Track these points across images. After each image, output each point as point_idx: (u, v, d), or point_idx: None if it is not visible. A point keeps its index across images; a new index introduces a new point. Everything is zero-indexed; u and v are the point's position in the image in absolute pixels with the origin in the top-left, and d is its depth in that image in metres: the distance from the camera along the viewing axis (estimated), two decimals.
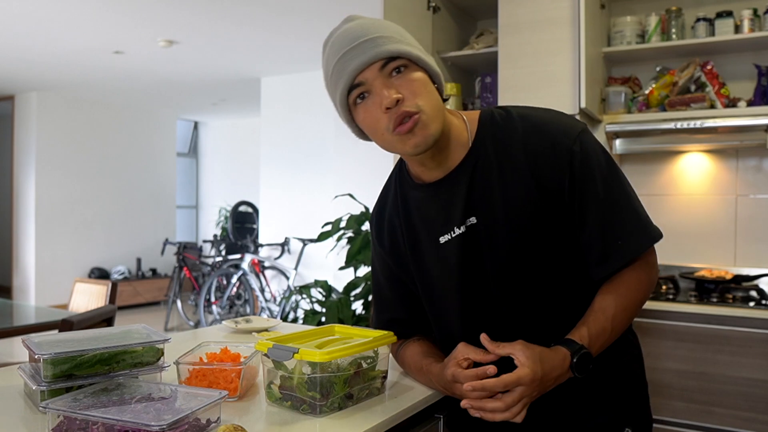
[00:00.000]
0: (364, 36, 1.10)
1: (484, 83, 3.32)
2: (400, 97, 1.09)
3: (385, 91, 1.09)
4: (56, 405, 1.01)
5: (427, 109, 1.10)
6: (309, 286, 3.91)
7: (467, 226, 1.20)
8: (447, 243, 1.22)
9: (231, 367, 1.23)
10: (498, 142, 1.19)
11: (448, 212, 1.21)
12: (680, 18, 3.07)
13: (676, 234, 3.25)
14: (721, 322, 2.60)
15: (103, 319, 2.83)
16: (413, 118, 1.09)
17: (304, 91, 7.03)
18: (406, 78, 1.10)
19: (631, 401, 1.30)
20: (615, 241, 1.15)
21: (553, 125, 1.18)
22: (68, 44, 5.74)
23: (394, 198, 1.33)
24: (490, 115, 1.23)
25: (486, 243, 1.19)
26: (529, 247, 1.17)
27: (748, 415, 2.55)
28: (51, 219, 8.16)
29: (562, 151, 1.15)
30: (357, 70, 1.10)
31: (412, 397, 1.27)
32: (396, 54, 1.09)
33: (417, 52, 1.12)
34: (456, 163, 1.21)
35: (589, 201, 1.15)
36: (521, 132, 1.18)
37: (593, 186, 1.15)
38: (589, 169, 1.15)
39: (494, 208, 1.17)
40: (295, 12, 4.87)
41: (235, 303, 7.02)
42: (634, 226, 1.17)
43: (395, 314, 1.40)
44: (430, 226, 1.25)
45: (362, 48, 1.09)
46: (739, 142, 2.96)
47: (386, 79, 1.10)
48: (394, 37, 1.11)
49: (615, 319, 1.15)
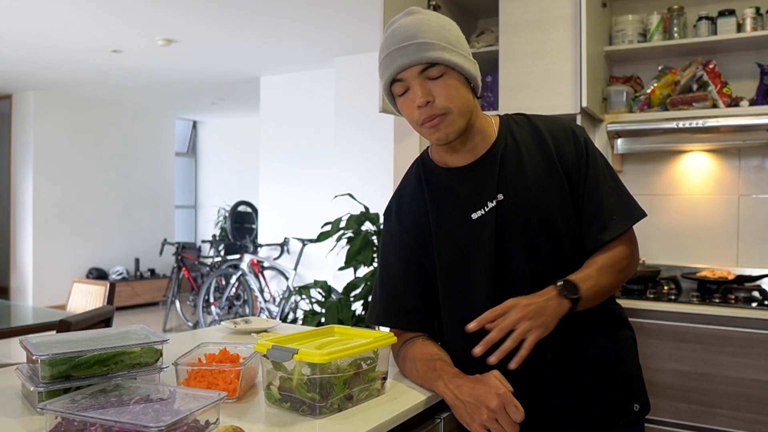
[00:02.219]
0: (412, 39, 1.24)
1: (485, 82, 3.31)
2: (430, 99, 1.26)
3: (420, 92, 1.26)
4: (54, 406, 1.01)
5: (455, 109, 1.27)
6: (308, 286, 3.89)
7: (498, 202, 1.34)
8: (480, 218, 1.35)
9: (230, 368, 1.23)
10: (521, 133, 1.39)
11: (481, 191, 1.36)
12: (682, 17, 3.06)
13: (678, 234, 3.24)
14: (723, 323, 2.58)
15: (102, 320, 2.83)
16: (440, 117, 1.27)
17: (304, 90, 7.02)
18: (442, 82, 1.26)
19: (636, 379, 1.43)
20: (611, 216, 1.35)
21: (565, 121, 1.43)
22: (66, 43, 5.72)
23: (417, 182, 1.45)
24: (509, 116, 1.44)
25: (515, 217, 1.33)
26: (552, 219, 1.33)
27: (750, 416, 2.54)
28: (49, 219, 8.15)
29: (579, 139, 1.38)
30: (399, 69, 1.26)
31: (413, 398, 1.27)
32: (435, 61, 1.24)
33: (455, 59, 1.26)
34: (484, 150, 1.38)
35: (596, 181, 1.35)
36: (543, 126, 1.39)
37: (598, 170, 1.37)
38: (595, 157, 1.38)
39: (523, 186, 1.34)
40: (294, 10, 4.86)
41: (234, 303, 7.01)
42: (626, 206, 1.38)
43: (407, 303, 1.43)
44: (461, 204, 1.37)
45: (409, 50, 1.24)
46: (741, 142, 2.95)
47: (423, 81, 1.26)
48: (438, 44, 1.25)
49: (600, 270, 1.30)
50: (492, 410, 1.16)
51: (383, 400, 1.26)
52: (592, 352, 1.36)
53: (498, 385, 1.19)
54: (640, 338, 1.29)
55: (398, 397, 1.28)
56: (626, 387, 1.39)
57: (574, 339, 1.34)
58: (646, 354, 2.68)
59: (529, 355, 1.24)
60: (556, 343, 1.32)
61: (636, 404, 1.39)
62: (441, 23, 1.28)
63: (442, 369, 1.29)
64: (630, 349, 1.43)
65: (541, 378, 1.33)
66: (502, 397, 1.17)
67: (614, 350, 1.39)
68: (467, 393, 1.20)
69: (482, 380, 1.21)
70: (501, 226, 1.32)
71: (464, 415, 1.21)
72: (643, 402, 1.42)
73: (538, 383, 1.33)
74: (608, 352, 1.37)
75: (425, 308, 1.43)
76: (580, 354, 1.35)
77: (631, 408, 1.39)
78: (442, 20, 1.30)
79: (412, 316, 1.43)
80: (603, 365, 1.36)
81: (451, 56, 1.25)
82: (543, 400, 1.32)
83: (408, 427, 1.23)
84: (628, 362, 1.41)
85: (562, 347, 1.34)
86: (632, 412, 1.39)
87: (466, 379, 1.24)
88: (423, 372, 1.33)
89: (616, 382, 1.37)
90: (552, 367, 1.34)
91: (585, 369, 1.35)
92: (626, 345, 1.42)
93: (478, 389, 1.19)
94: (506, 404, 1.17)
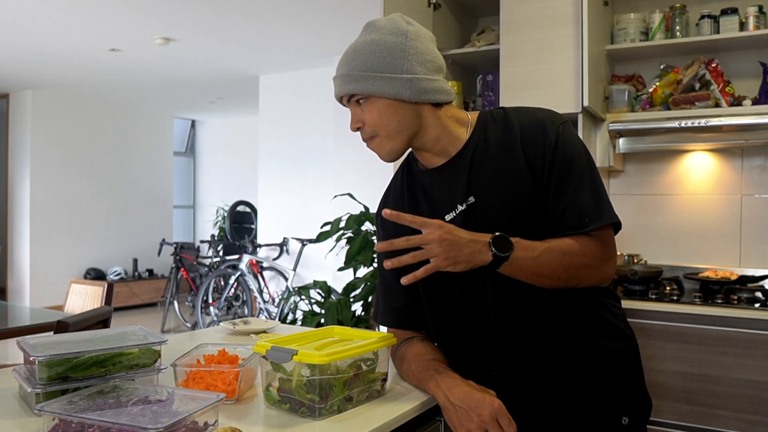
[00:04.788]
0: (340, 70, 1.32)
1: (486, 81, 3.29)
2: (360, 125, 1.33)
3: (352, 119, 1.34)
4: (51, 408, 1.02)
5: (382, 132, 1.31)
6: (308, 287, 3.88)
7: (468, 205, 1.33)
8: (452, 221, 1.33)
9: (229, 369, 1.24)
10: (496, 130, 1.36)
11: (451, 193, 1.35)
12: (684, 15, 3.05)
13: (679, 234, 3.23)
14: (726, 324, 2.57)
15: (99, 321, 2.82)
16: (372, 140, 1.34)
17: (304, 89, 7.01)
18: (366, 109, 1.31)
19: (627, 391, 1.37)
20: (583, 217, 1.27)
21: (542, 113, 1.36)
22: (64, 42, 5.71)
23: (400, 184, 1.48)
24: (487, 112, 1.42)
25: (483, 219, 1.31)
26: (521, 220, 1.30)
27: (753, 418, 2.53)
28: (46, 219, 8.13)
29: (549, 133, 1.31)
30: (337, 97, 1.36)
31: (412, 399, 1.28)
32: (353, 92, 1.30)
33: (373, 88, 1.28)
34: (455, 152, 1.37)
35: (568, 178, 1.29)
36: (516, 120, 1.35)
37: (572, 166, 1.29)
38: (568, 152, 1.30)
39: (491, 187, 1.32)
40: (293, 8, 4.85)
41: (233, 304, 7.00)
42: (599, 207, 1.29)
43: (401, 302, 1.45)
44: (435, 205, 1.37)
45: (337, 82, 1.33)
46: (744, 141, 2.94)
47: (355, 107, 1.33)
48: (358, 74, 1.29)
49: (549, 250, 1.24)
50: (483, 420, 1.15)
51: (383, 402, 1.26)
52: (567, 362, 1.32)
53: (493, 395, 1.19)
54: (642, 339, 1.26)
55: (398, 398, 1.28)
56: (612, 399, 1.33)
57: (545, 347, 1.31)
58: (648, 355, 2.66)
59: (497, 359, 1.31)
60: (525, 349, 1.31)
61: (625, 417, 1.33)
62: (370, 47, 1.29)
63: (435, 369, 1.29)
64: (621, 360, 1.36)
65: (511, 385, 1.32)
66: (495, 409, 1.16)
67: (594, 360, 1.32)
68: (459, 397, 1.19)
69: (478, 387, 1.22)
70: (470, 228, 1.26)
71: (453, 419, 1.20)
72: (636, 415, 1.36)
73: (509, 390, 1.30)
74: (586, 362, 1.32)
75: (416, 306, 1.43)
76: (552, 362, 1.31)
77: (619, 421, 1.33)
78: (373, 43, 1.30)
79: (404, 315, 1.44)
80: (580, 375, 1.31)
81: (368, 85, 1.28)
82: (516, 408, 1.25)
83: (408, 428, 1.23)
84: (615, 373, 1.35)
85: (532, 354, 1.31)
86: (619, 425, 1.33)
87: (460, 382, 1.23)
88: (417, 372, 1.33)
89: (597, 393, 1.32)
90: (521, 374, 1.32)
91: (559, 378, 1.31)
92: (614, 355, 1.35)
93: (472, 395, 1.19)
94: (499, 416, 1.16)
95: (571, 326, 1.32)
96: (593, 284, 1.32)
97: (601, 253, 1.29)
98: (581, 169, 1.30)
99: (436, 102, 1.32)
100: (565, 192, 1.28)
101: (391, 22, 1.32)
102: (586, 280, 1.30)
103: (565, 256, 1.25)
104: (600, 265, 1.30)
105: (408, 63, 1.29)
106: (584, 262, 1.27)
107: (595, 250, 1.28)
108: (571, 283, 1.28)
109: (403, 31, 1.30)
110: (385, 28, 1.31)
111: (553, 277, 1.25)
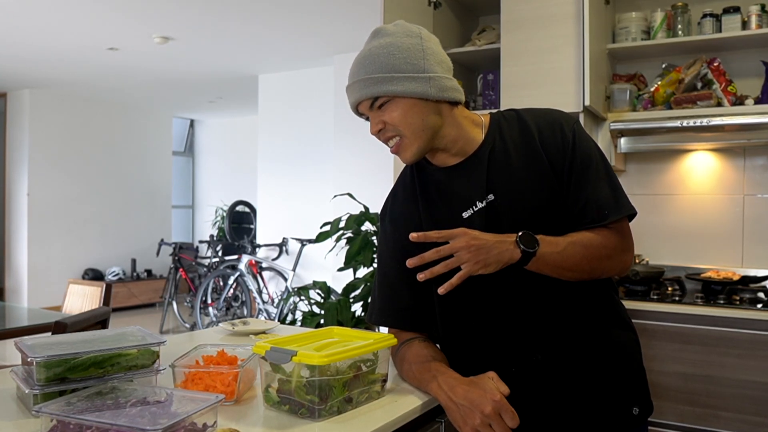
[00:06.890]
0: (357, 75, 1.33)
1: (486, 80, 3.29)
2: (381, 127, 1.34)
3: (372, 122, 1.35)
4: (49, 409, 1.01)
5: (407, 133, 1.33)
6: (307, 287, 3.87)
7: (488, 202, 1.35)
8: (470, 217, 1.36)
9: (228, 370, 1.24)
10: (511, 131, 1.40)
11: (470, 190, 1.37)
12: (686, 14, 3.05)
13: (681, 234, 3.22)
14: (728, 325, 2.57)
15: (98, 321, 2.81)
16: (395, 142, 1.35)
17: (303, 89, 7.01)
18: (389, 110, 1.32)
19: (636, 381, 1.42)
20: (603, 210, 1.32)
21: (555, 113, 1.42)
22: (62, 40, 5.70)
23: (411, 181, 1.48)
24: (499, 113, 1.45)
25: (506, 216, 1.34)
26: (542, 216, 1.33)
27: (755, 419, 2.52)
28: (44, 219, 8.12)
29: (566, 132, 1.36)
30: (354, 104, 1.37)
31: (413, 400, 1.28)
32: (376, 95, 1.31)
33: (396, 87, 1.29)
34: (472, 150, 1.40)
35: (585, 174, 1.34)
36: (532, 121, 1.40)
37: (589, 163, 1.35)
38: (585, 149, 1.36)
39: (512, 184, 1.35)
40: (293, 7, 4.84)
41: (232, 305, 6.99)
42: (617, 200, 1.35)
43: (403, 302, 1.45)
44: (452, 202, 1.39)
45: (355, 88, 1.33)
46: (746, 141, 2.94)
47: (375, 112, 1.34)
48: (378, 77, 1.30)
49: (573, 244, 1.28)
50: (486, 415, 1.16)
51: (383, 403, 1.26)
52: (586, 354, 1.36)
53: (494, 390, 1.19)
54: (644, 340, 1.28)
55: (398, 399, 1.28)
56: (624, 390, 1.38)
57: (566, 340, 1.35)
58: (650, 356, 2.66)
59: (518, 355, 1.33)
60: (547, 343, 1.34)
61: (635, 408, 1.38)
62: (388, 50, 1.31)
63: (436, 370, 1.29)
64: (629, 351, 1.42)
65: (531, 379, 1.34)
66: (497, 403, 1.17)
67: (610, 352, 1.38)
68: (461, 395, 1.20)
69: (478, 383, 1.21)
70: (491, 225, 1.32)
71: (457, 418, 1.20)
72: (644, 405, 1.41)
73: (529, 384, 1.34)
74: (603, 354, 1.37)
75: (422, 307, 1.43)
76: (573, 355, 1.35)
77: (630, 411, 1.38)
78: (391, 45, 1.32)
79: (409, 316, 1.44)
80: (597, 367, 1.36)
81: (392, 86, 1.30)
82: (535, 402, 1.33)
83: (408, 429, 1.23)
84: (627, 365, 1.40)
85: (554, 348, 1.34)
86: (631, 415, 1.38)
87: (461, 381, 1.24)
88: (418, 373, 1.33)
89: (612, 384, 1.37)
90: (543, 368, 1.34)
91: (577, 371, 1.35)
92: (625, 347, 1.41)
93: (473, 392, 1.19)
94: (501, 410, 1.17)
95: (589, 318, 1.37)
96: (614, 274, 1.38)
97: (621, 243, 1.35)
98: (597, 164, 1.36)
99: (454, 100, 1.36)
100: (585, 187, 1.33)
101: (400, 26, 1.35)
102: (608, 270, 1.35)
103: (588, 248, 1.29)
104: (620, 255, 1.35)
105: (427, 62, 1.32)
106: (606, 254, 1.32)
107: (615, 241, 1.33)
108: (594, 274, 1.34)
109: (416, 33, 1.34)
110: (398, 31, 1.34)
111: (577, 270, 1.30)
